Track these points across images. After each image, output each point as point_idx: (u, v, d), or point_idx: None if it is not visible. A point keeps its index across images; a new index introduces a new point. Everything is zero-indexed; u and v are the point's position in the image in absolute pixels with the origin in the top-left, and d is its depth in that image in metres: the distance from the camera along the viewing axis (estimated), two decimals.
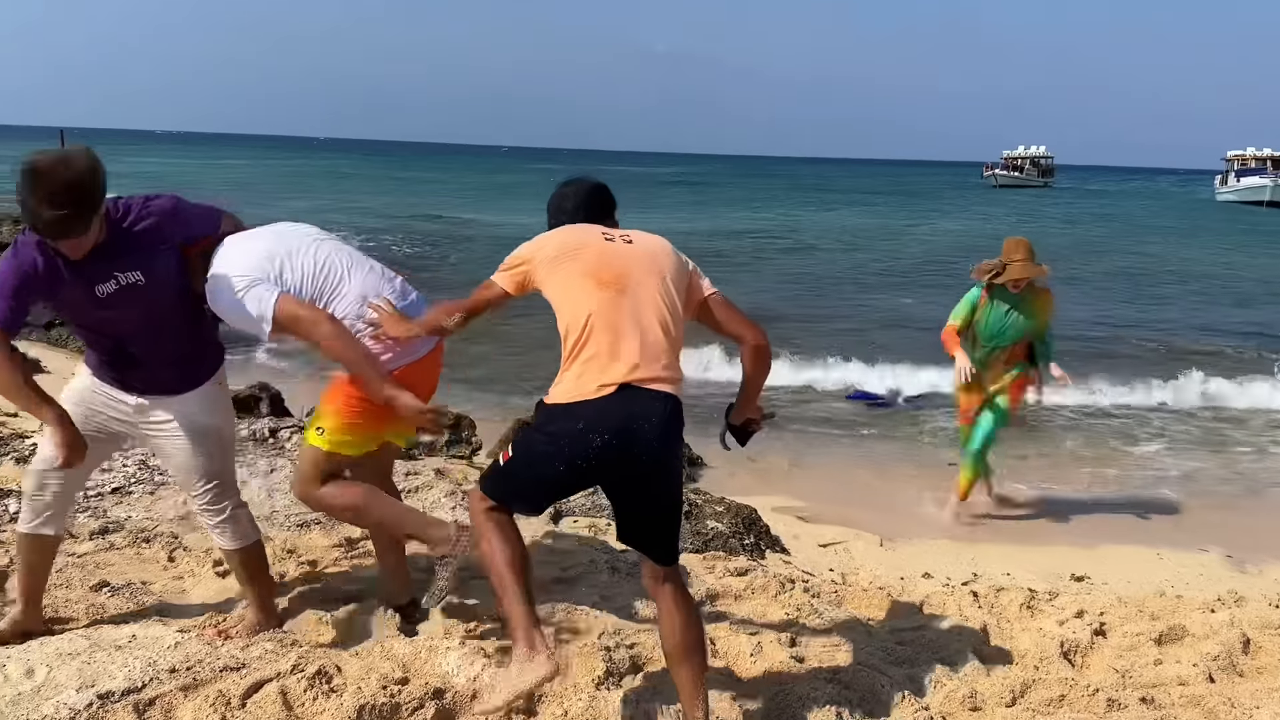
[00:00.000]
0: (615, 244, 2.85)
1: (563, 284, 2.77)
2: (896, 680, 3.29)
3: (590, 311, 2.70)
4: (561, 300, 2.76)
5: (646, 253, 2.87)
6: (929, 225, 40.37)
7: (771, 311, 16.52)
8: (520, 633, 2.73)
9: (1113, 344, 15.15)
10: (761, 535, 4.94)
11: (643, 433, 2.63)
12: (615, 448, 2.62)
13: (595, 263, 2.78)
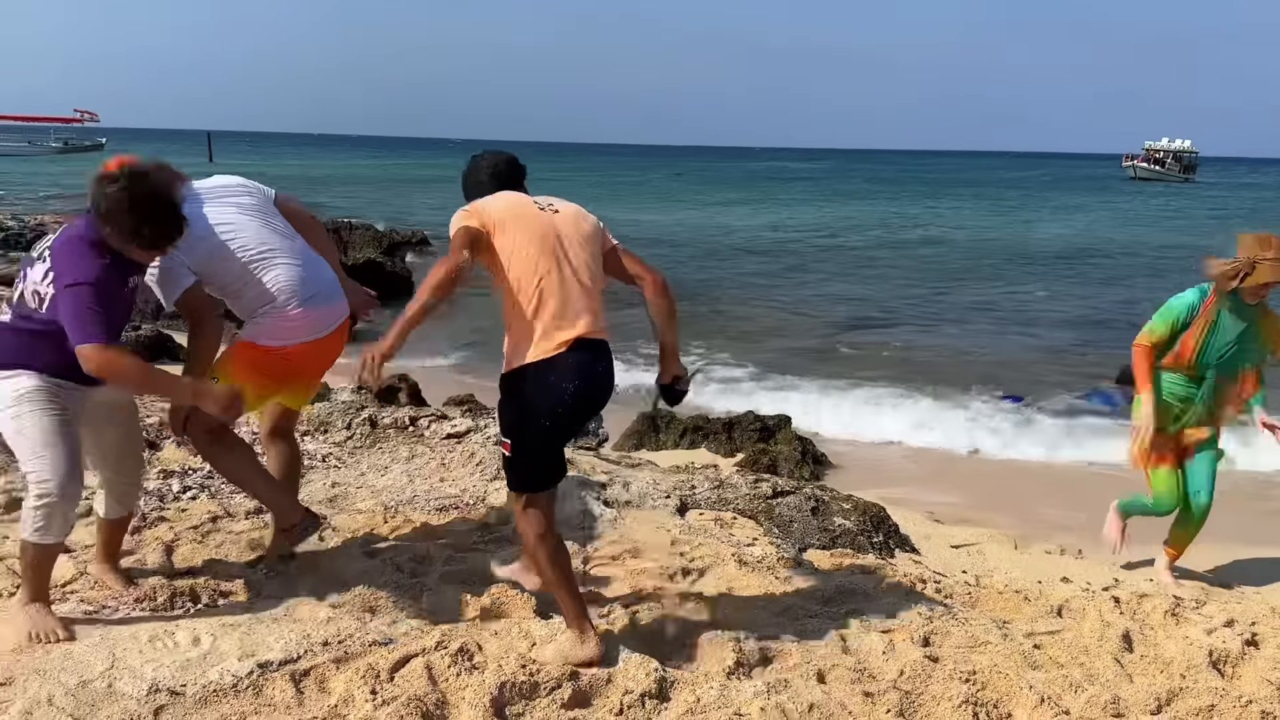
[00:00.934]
0: (547, 213, 3.16)
1: (510, 250, 3.06)
2: (1034, 684, 3.22)
3: (540, 277, 3.05)
4: (510, 265, 3.06)
5: (573, 220, 3.20)
6: (1039, 224, 38.79)
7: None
8: (573, 619, 3.20)
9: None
10: (890, 534, 4.89)
11: (598, 375, 3.11)
12: (583, 391, 3.07)
13: (538, 231, 3.09)
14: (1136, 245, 29.02)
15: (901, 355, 13.04)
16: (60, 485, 3.10)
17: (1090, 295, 18.92)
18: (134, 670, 3.02)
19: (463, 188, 3.37)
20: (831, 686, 3.16)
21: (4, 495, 4.44)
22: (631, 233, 29.16)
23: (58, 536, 3.19)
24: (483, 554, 4.13)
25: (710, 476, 5.24)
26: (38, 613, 3.21)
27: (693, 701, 3.01)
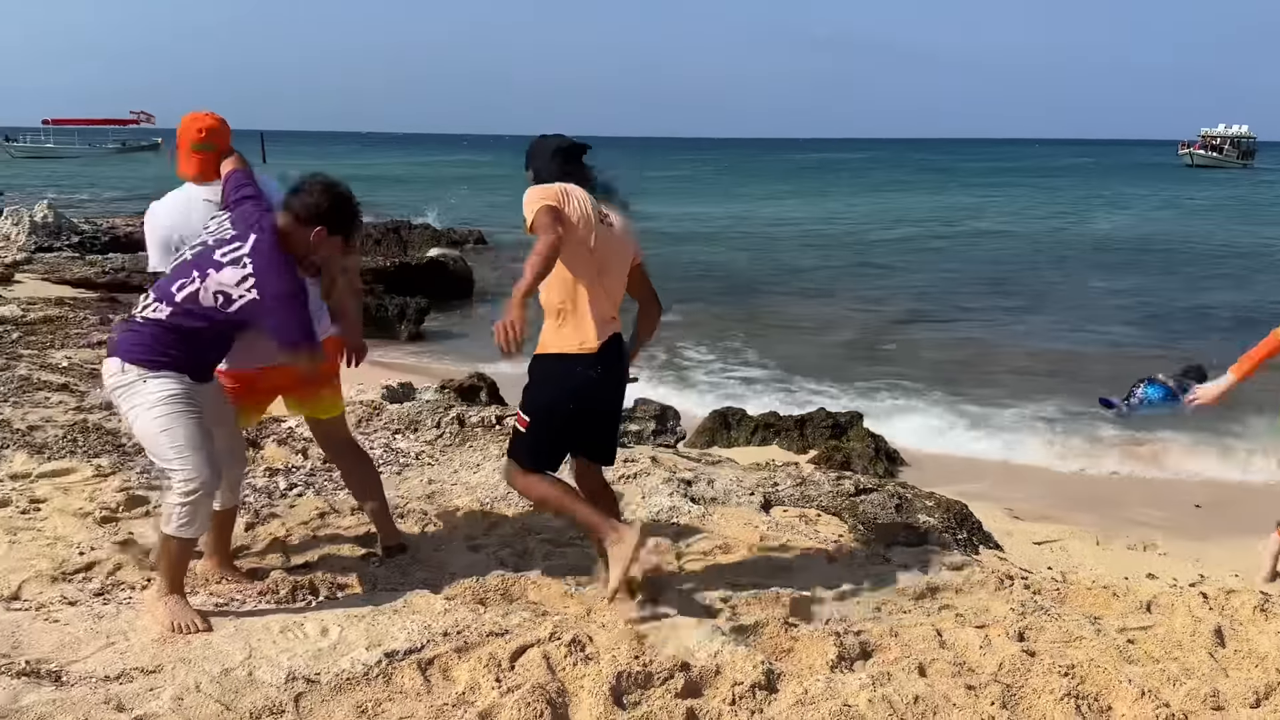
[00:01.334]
0: (603, 226, 3.47)
1: (573, 244, 3.35)
2: (1132, 678, 3.29)
3: (581, 282, 3.42)
4: (568, 258, 3.36)
5: (620, 236, 3.56)
6: (1092, 215, 38.22)
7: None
8: (601, 526, 3.50)
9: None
10: (974, 531, 4.96)
11: (617, 364, 3.53)
12: (608, 386, 3.54)
13: (593, 242, 3.41)
14: (1204, 237, 28.53)
15: (973, 354, 12.97)
16: (207, 483, 3.30)
17: (1151, 289, 18.68)
18: (270, 659, 3.21)
19: (530, 165, 3.62)
20: (933, 679, 3.25)
21: (123, 494, 4.67)
22: (677, 228, 29.28)
23: (200, 531, 3.39)
24: (580, 548, 4.27)
25: (792, 474, 5.35)
26: (177, 604, 3.40)
27: (801, 693, 3.12)
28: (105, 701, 2.91)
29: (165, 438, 3.30)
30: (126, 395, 3.30)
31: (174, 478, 3.33)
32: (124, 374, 3.29)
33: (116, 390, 3.34)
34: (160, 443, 3.32)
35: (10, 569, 3.85)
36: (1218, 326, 14.68)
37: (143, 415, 3.31)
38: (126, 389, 3.30)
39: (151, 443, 3.37)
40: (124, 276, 13.52)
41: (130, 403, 3.30)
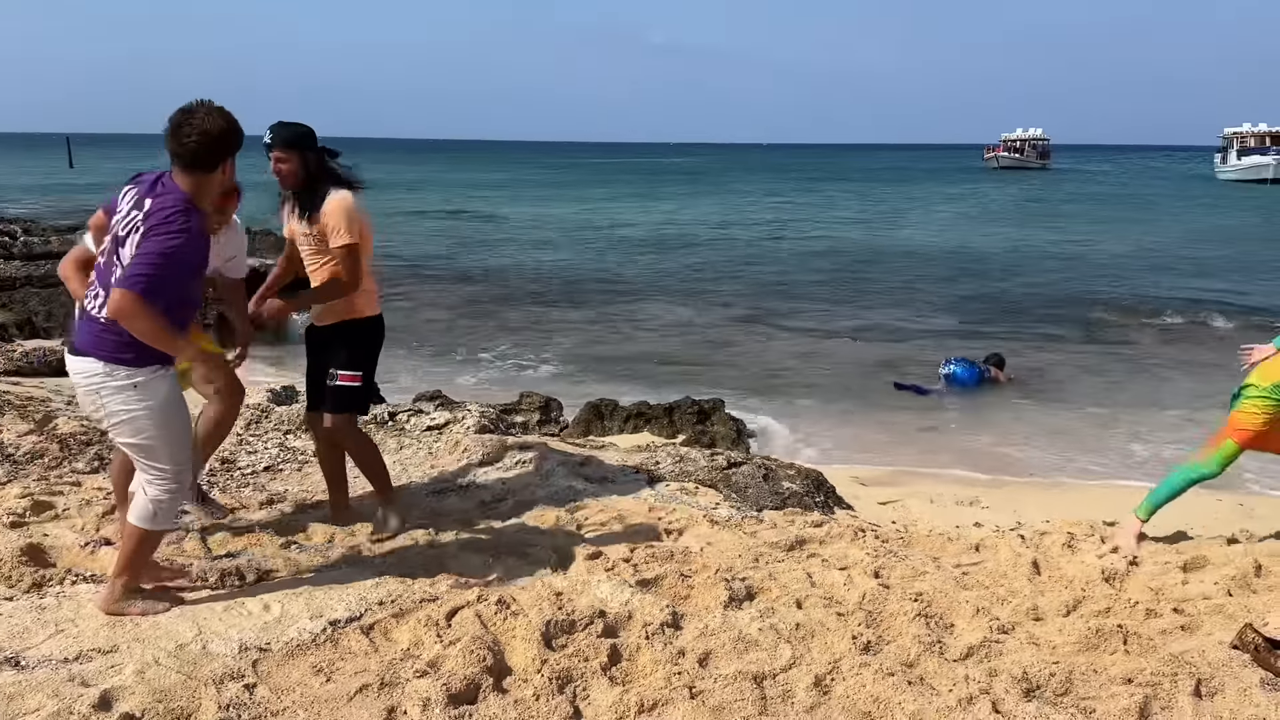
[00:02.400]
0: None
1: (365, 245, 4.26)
2: (968, 600, 3.96)
3: (366, 264, 4.29)
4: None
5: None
6: (937, 210, 41.09)
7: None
8: (388, 490, 4.58)
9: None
10: (829, 495, 5.61)
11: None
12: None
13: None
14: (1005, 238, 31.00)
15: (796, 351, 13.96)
16: (186, 478, 3.51)
17: (949, 290, 20.32)
18: (220, 634, 3.48)
19: (301, 149, 4.16)
20: (809, 611, 3.83)
21: (26, 499, 4.74)
22: (519, 228, 29.67)
23: (170, 524, 3.59)
24: (489, 525, 4.67)
25: (671, 453, 5.88)
26: (140, 594, 3.60)
27: (702, 628, 3.63)
28: (70, 679, 3.13)
29: (162, 436, 3.40)
30: (117, 394, 3.37)
31: (159, 474, 3.45)
32: (111, 375, 3.34)
33: (102, 389, 3.37)
34: (155, 440, 3.41)
35: None
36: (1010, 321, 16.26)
37: (140, 415, 3.37)
38: (116, 388, 3.36)
39: (145, 440, 3.42)
40: None
41: (124, 403, 3.37)
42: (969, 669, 3.33)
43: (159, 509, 3.48)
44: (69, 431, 5.83)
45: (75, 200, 39.57)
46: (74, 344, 3.47)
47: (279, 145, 4.11)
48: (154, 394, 3.39)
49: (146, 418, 3.39)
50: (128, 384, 3.36)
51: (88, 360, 3.40)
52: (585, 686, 3.22)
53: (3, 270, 14.05)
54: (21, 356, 8.42)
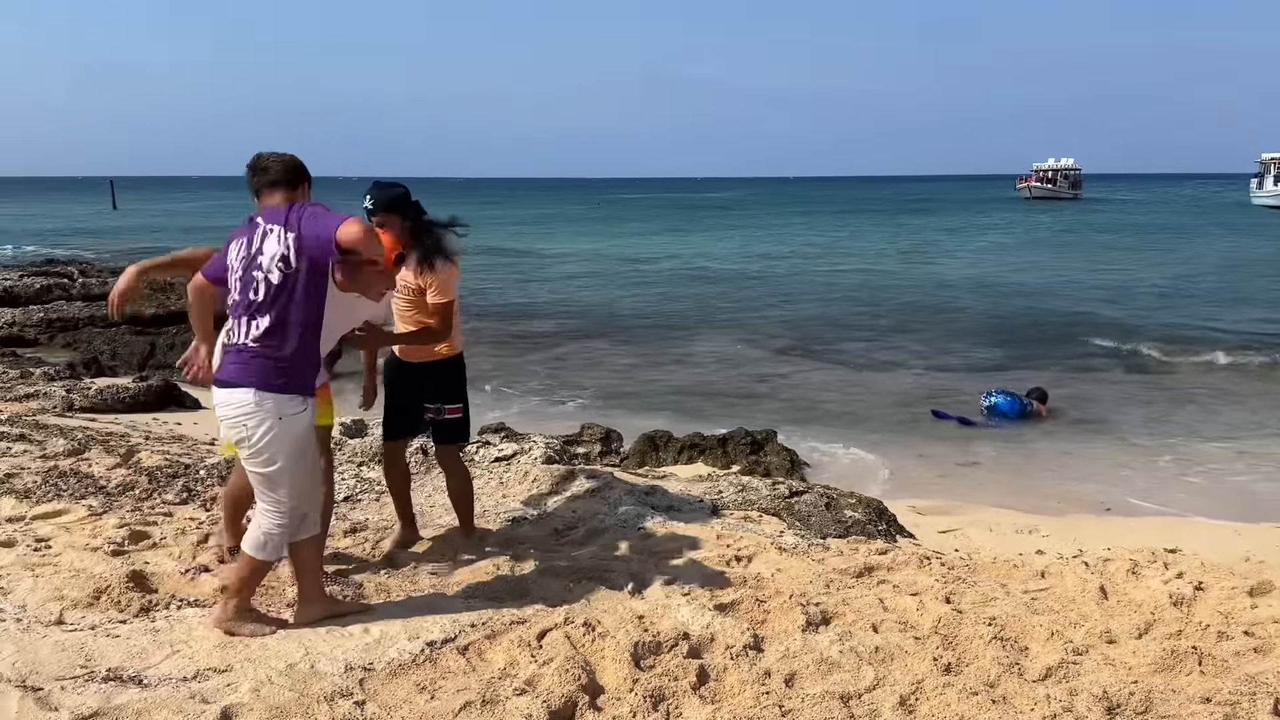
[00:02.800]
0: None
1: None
2: (1041, 624, 4.06)
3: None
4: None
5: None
6: (972, 241, 41.18)
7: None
8: (472, 521, 4.96)
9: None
10: (891, 523, 5.72)
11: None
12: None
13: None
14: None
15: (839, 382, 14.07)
16: (300, 514, 3.70)
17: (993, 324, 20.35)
18: (326, 655, 3.65)
19: (401, 213, 4.27)
20: (886, 635, 3.94)
21: (124, 529, 4.97)
22: (557, 263, 30.03)
23: (283, 554, 3.79)
24: (564, 552, 4.83)
25: (732, 482, 6.02)
26: (251, 615, 3.78)
27: (784, 650, 3.76)
28: (190, 697, 3.31)
29: (292, 469, 3.57)
30: (263, 422, 3.50)
31: (276, 506, 3.62)
32: (260, 404, 3.49)
33: (249, 418, 3.51)
34: (284, 472, 3.56)
35: (45, 599, 4.15)
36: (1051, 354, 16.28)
37: (276, 445, 3.52)
38: (263, 416, 3.50)
39: (275, 470, 3.56)
40: (16, 331, 13.30)
41: (266, 431, 3.51)
42: (1049, 689, 3.43)
43: (269, 540, 3.66)
44: (155, 465, 6.07)
45: (122, 241, 40.56)
46: (221, 377, 3.62)
47: (380, 210, 4.26)
48: (294, 427, 3.56)
49: (282, 448, 3.54)
50: (274, 413, 3.51)
51: (238, 390, 3.53)
52: (678, 705, 3.36)
53: (66, 311, 14.50)
54: (96, 394, 8.73)
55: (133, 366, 11.60)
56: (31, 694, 3.27)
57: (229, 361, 3.60)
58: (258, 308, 3.54)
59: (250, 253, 3.58)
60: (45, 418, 7.72)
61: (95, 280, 18.45)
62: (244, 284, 3.58)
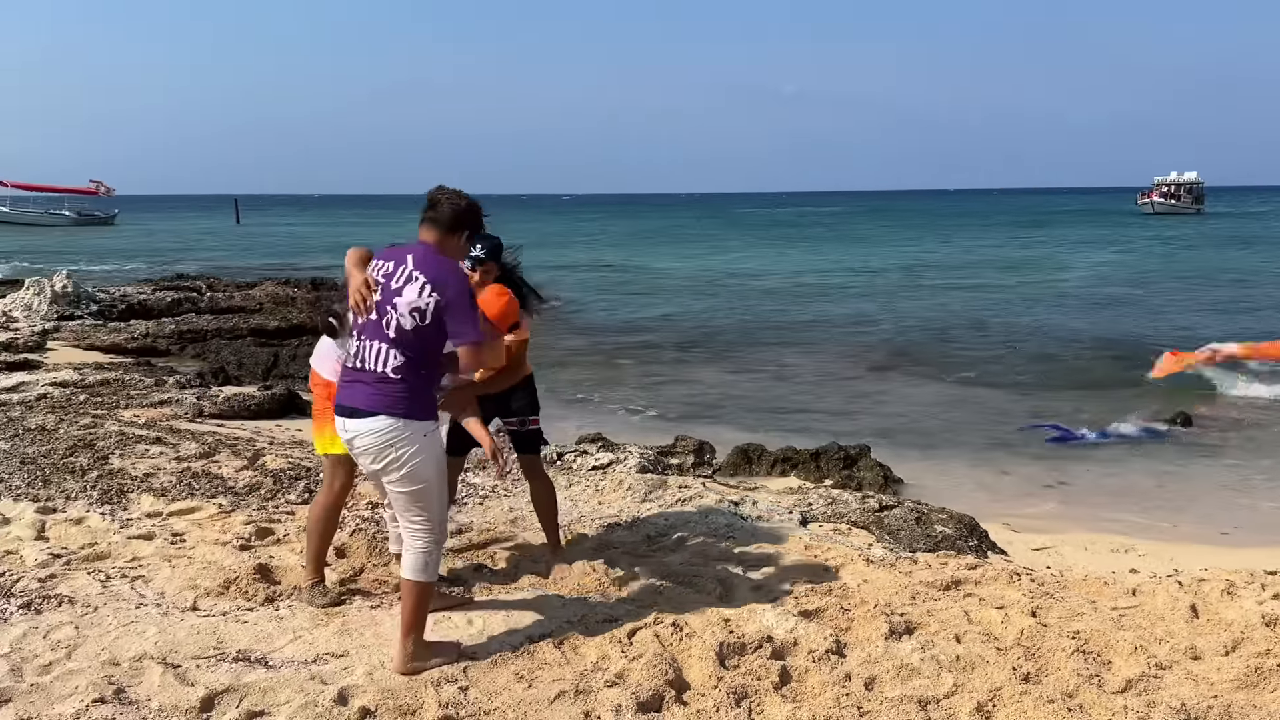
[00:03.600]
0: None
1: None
2: (1126, 639, 4.08)
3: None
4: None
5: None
6: (1095, 255, 40.05)
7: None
8: (556, 528, 5.10)
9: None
10: (982, 539, 5.76)
11: None
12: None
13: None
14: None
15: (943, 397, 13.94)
16: (445, 528, 3.87)
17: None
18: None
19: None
20: (968, 645, 4.03)
21: (251, 526, 5.37)
22: (658, 277, 30.33)
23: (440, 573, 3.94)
24: (656, 557, 5.03)
25: (822, 495, 6.15)
26: (430, 647, 3.78)
27: (866, 656, 3.89)
28: (311, 678, 3.63)
29: (437, 484, 3.70)
30: (410, 445, 3.60)
31: (424, 523, 3.70)
32: (405, 428, 3.60)
33: (397, 442, 3.59)
34: (429, 494, 3.68)
35: (181, 587, 4.56)
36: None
37: (425, 464, 3.63)
38: (409, 439, 3.60)
39: (423, 487, 3.66)
40: (150, 342, 14.20)
41: (415, 454, 3.61)
42: (1128, 700, 3.49)
43: (428, 559, 3.71)
44: (278, 468, 6.52)
45: (246, 257, 42.54)
46: (356, 405, 3.64)
47: (489, 259, 4.59)
48: (437, 445, 3.71)
49: (429, 467, 3.66)
50: (419, 433, 3.62)
51: (379, 419, 3.60)
52: (760, 702, 3.52)
53: (196, 324, 15.40)
54: (224, 401, 9.32)
55: (257, 376, 12.27)
56: (171, 670, 3.63)
57: (361, 389, 3.65)
58: (392, 342, 3.62)
59: (390, 286, 3.65)
60: (178, 423, 8.30)
61: (222, 295, 19.51)
62: (379, 313, 3.66)
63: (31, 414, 8.22)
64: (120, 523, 5.41)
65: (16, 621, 4.05)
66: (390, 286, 3.66)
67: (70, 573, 4.65)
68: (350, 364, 3.74)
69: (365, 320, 3.70)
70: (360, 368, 3.68)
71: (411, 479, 3.65)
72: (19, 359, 11.63)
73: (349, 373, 3.74)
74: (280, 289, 20.09)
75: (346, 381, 3.74)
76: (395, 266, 3.69)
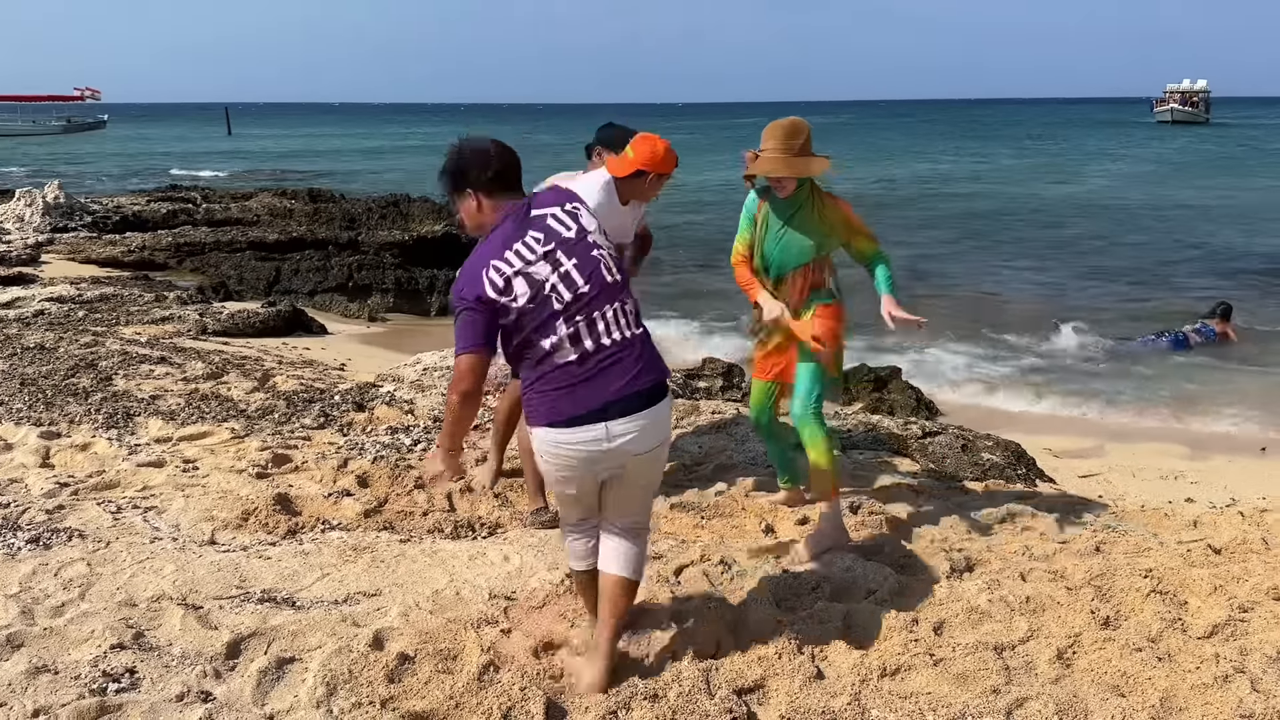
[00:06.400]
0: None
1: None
2: (1200, 577, 3.85)
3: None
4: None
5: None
6: (1119, 163, 39.30)
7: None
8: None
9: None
10: (1030, 466, 5.51)
11: None
12: None
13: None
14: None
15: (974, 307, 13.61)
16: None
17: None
18: (470, 582, 3.70)
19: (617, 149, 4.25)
20: (1035, 584, 3.80)
21: (266, 452, 5.11)
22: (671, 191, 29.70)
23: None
24: (693, 487, 4.78)
25: (861, 421, 5.88)
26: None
27: (929, 596, 3.66)
28: (343, 620, 3.39)
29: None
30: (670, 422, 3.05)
31: (648, 525, 3.20)
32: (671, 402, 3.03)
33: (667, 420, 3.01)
34: (652, 498, 3.23)
35: (197, 519, 4.32)
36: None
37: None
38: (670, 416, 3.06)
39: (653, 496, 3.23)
40: (147, 255, 13.80)
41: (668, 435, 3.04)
42: (1217, 647, 3.26)
43: (644, 561, 3.18)
44: (290, 389, 6.24)
45: (237, 164, 41.68)
46: (644, 388, 2.85)
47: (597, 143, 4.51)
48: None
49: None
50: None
51: (666, 397, 2.96)
52: (823, 649, 3.29)
53: (193, 236, 14.97)
54: (228, 318, 9.00)
55: (259, 291, 11.92)
56: (193, 612, 3.39)
57: (635, 365, 2.84)
58: (620, 288, 2.90)
59: (571, 236, 2.88)
60: (181, 341, 8.00)
61: (218, 206, 19.00)
62: (587, 268, 2.85)
63: (29, 331, 7.91)
64: (128, 449, 5.15)
65: (25, 558, 3.81)
66: (576, 236, 2.89)
67: (79, 504, 4.40)
68: (588, 350, 2.81)
69: (576, 293, 2.82)
70: (599, 346, 2.82)
71: (659, 466, 3.03)
72: (13, 273, 11.26)
73: (590, 365, 2.81)
74: (277, 200, 19.53)
75: (596, 373, 2.81)
76: (539, 228, 2.89)
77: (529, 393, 2.88)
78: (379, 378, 6.72)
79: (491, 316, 2.81)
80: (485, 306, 2.81)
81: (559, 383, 2.81)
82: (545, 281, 2.81)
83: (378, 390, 6.31)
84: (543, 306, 2.80)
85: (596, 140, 4.50)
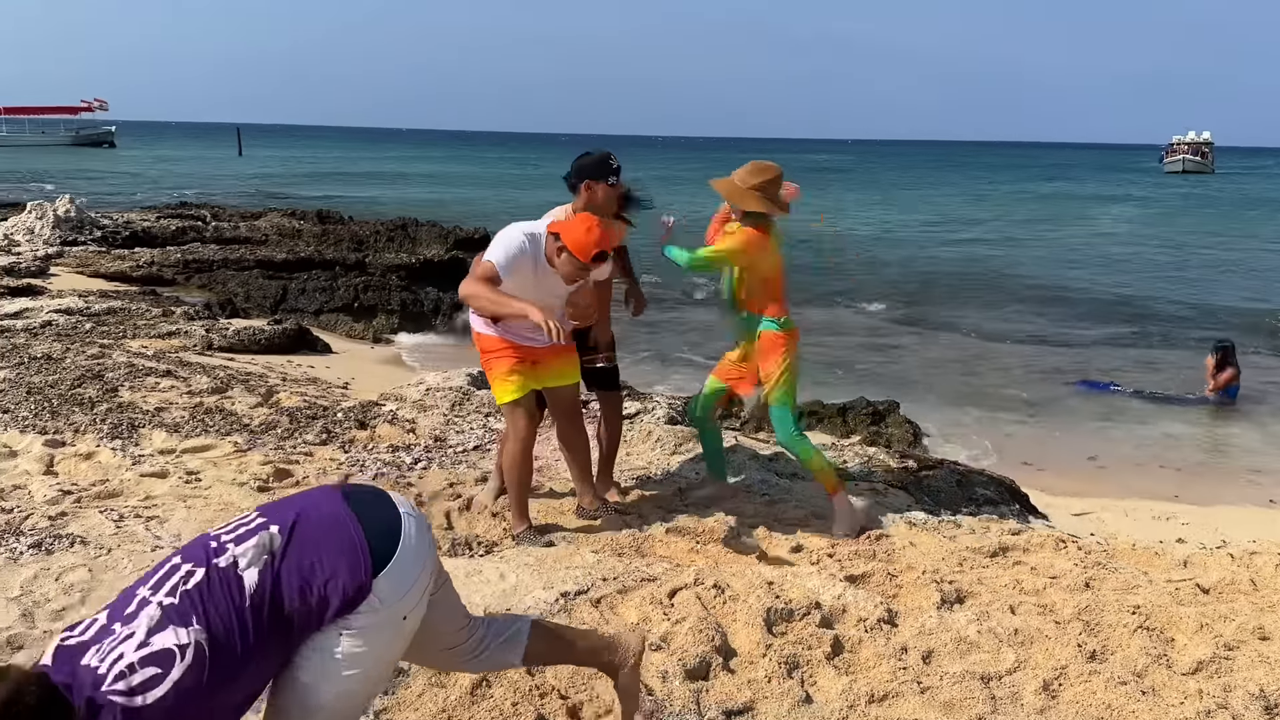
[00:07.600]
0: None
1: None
2: (1187, 615, 3.89)
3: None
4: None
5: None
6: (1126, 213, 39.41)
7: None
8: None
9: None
10: (1024, 503, 5.56)
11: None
12: None
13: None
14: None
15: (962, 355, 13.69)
16: None
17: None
18: (466, 600, 3.68)
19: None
20: (1024, 617, 3.84)
21: (268, 466, 5.17)
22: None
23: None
24: (689, 512, 4.83)
25: (858, 453, 5.94)
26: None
27: (919, 626, 3.70)
28: None
29: None
30: None
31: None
32: None
33: None
34: None
35: (197, 530, 4.36)
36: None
37: None
38: None
39: None
40: (156, 271, 13.91)
41: None
42: (1201, 683, 3.30)
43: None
44: (294, 406, 6.30)
45: (247, 186, 41.93)
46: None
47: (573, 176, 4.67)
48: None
49: None
50: None
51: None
52: (812, 673, 3.34)
53: (201, 253, 15.10)
54: (234, 334, 9.08)
55: (265, 309, 12.02)
56: None
57: None
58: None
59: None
60: (187, 355, 8.07)
61: (227, 224, 19.17)
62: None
63: (37, 341, 7.99)
64: (132, 459, 5.21)
65: (27, 562, 3.86)
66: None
67: (81, 511, 4.46)
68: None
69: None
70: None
71: None
72: (22, 284, 11.35)
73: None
74: (286, 220, 19.69)
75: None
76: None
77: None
78: (382, 396, 6.79)
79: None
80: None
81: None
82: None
83: (380, 409, 6.37)
84: None
85: (575, 172, 4.54)
